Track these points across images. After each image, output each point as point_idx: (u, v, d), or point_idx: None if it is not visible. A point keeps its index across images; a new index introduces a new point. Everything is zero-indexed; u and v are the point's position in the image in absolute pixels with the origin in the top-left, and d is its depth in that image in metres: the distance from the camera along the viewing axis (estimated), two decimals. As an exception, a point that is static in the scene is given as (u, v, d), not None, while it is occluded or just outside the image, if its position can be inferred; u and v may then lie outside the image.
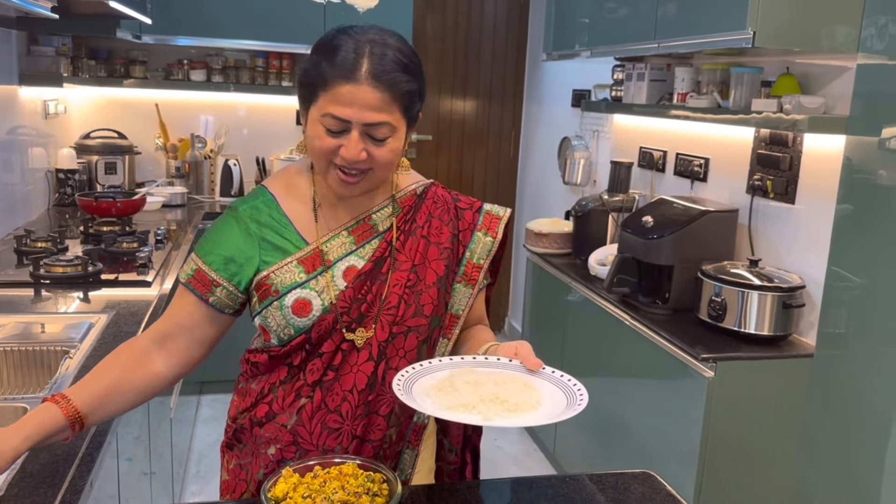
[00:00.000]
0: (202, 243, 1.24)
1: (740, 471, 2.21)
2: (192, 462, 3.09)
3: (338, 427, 1.21)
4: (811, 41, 2.09)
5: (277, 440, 1.23)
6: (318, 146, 1.15)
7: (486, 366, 1.16)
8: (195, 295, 1.21)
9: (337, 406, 1.21)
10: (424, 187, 1.32)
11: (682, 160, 2.97)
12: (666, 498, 1.21)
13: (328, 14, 3.82)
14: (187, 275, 1.23)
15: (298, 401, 1.22)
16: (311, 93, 1.15)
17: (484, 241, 1.32)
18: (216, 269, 1.21)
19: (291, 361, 1.22)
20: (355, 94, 1.11)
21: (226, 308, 1.23)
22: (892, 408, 1.87)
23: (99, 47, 3.84)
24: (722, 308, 2.26)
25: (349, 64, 1.11)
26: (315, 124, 1.15)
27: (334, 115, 1.12)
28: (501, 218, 1.34)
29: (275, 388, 1.24)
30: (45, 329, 1.88)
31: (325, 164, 1.17)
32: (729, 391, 2.13)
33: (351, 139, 1.13)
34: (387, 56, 1.12)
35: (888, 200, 1.87)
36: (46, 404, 1.11)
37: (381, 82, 1.11)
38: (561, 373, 1.15)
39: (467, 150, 4.74)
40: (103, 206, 2.93)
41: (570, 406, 1.06)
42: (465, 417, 1.02)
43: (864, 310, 1.96)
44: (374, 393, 1.22)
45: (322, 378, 1.21)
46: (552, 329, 3.22)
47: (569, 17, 3.28)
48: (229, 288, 1.21)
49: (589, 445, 2.85)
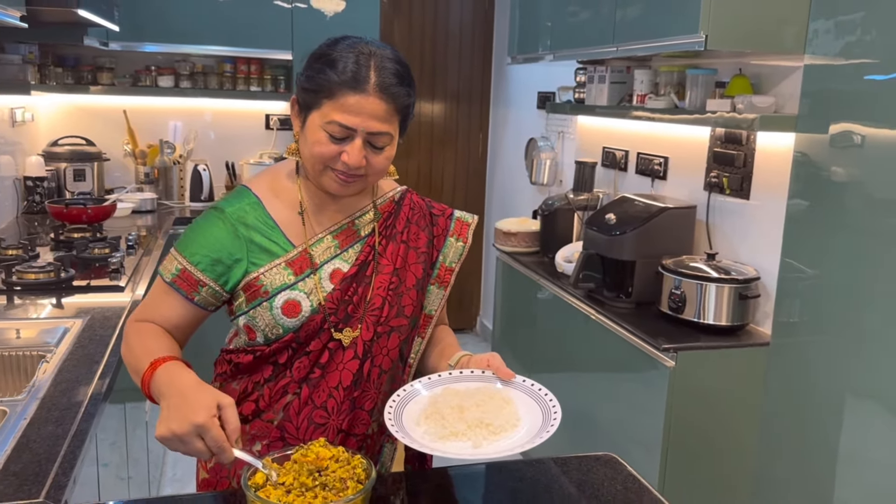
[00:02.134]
0: (186, 242, 1.26)
1: (702, 456, 2.29)
2: (167, 466, 3.11)
3: (323, 422, 1.26)
4: (761, 43, 2.19)
5: (264, 436, 1.27)
6: (319, 151, 1.19)
7: (463, 380, 1.23)
8: (180, 294, 1.24)
9: (323, 402, 1.25)
10: (401, 194, 1.39)
11: (643, 159, 3.06)
12: (627, 478, 1.28)
13: (295, 19, 3.86)
14: (172, 274, 1.25)
15: (285, 398, 1.26)
16: (314, 100, 1.19)
17: (455, 245, 1.39)
18: (203, 270, 1.24)
19: (277, 360, 1.26)
20: (363, 104, 1.16)
21: (209, 306, 1.27)
22: (844, 392, 1.95)
23: (66, 54, 3.83)
24: (682, 300, 2.35)
25: (357, 75, 1.16)
26: (317, 130, 1.19)
27: (341, 122, 1.17)
28: (470, 224, 1.42)
29: (259, 387, 1.27)
30: (20, 334, 1.90)
31: (321, 167, 1.21)
32: (689, 380, 2.22)
33: (354, 146, 1.18)
34: (389, 69, 1.18)
35: (837, 194, 1.96)
36: (175, 362, 1.13)
37: (386, 94, 1.17)
38: (531, 381, 1.23)
39: (437, 152, 4.81)
40: (74, 213, 2.93)
41: (546, 420, 1.16)
42: (457, 447, 1.09)
43: (816, 299, 2.04)
44: (359, 389, 1.27)
45: (309, 375, 1.25)
46: (523, 325, 3.29)
47: (532, 22, 3.36)
48: (215, 288, 1.25)
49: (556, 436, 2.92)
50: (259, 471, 1.03)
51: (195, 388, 1.07)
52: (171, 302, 1.25)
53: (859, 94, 1.89)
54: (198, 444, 1.01)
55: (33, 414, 1.42)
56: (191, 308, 1.26)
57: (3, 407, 1.47)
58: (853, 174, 1.91)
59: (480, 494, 1.26)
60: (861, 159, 1.89)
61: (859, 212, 1.89)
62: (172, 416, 1.03)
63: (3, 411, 1.45)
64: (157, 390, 1.10)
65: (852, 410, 1.93)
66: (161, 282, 1.27)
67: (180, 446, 1.03)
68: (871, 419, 1.87)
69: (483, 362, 1.25)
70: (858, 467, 1.92)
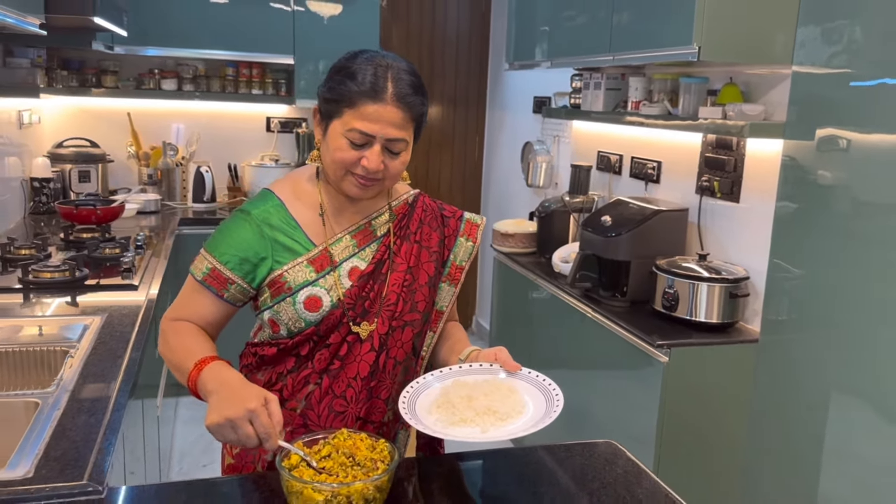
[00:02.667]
0: (216, 243, 1.36)
1: (694, 449, 2.38)
2: (174, 460, 3.18)
3: (343, 410, 1.34)
4: (751, 54, 2.29)
5: (287, 423, 1.35)
6: (341, 157, 1.29)
7: (471, 373, 1.32)
8: (211, 291, 1.34)
9: (342, 391, 1.34)
10: (414, 197, 1.48)
11: (637, 163, 3.16)
12: (627, 462, 1.38)
13: (297, 24, 3.94)
14: (203, 273, 1.35)
15: (307, 387, 1.35)
16: (335, 109, 1.28)
17: (465, 245, 1.49)
18: (232, 269, 1.33)
19: (299, 352, 1.35)
20: (382, 112, 1.25)
21: (237, 302, 1.37)
22: (830, 388, 2.02)
23: (71, 58, 3.90)
24: (674, 299, 2.45)
25: (376, 86, 1.25)
26: (338, 137, 1.28)
27: (361, 130, 1.26)
28: (479, 225, 1.52)
29: (283, 377, 1.36)
30: (42, 331, 1.97)
31: (342, 172, 1.31)
32: (682, 375, 2.31)
33: (373, 152, 1.27)
34: (405, 80, 1.28)
35: (823, 197, 2.03)
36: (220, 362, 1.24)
37: (403, 103, 1.26)
38: (536, 373, 1.32)
39: (434, 155, 4.90)
40: (83, 214, 3.00)
41: (549, 406, 1.24)
42: (467, 433, 1.18)
43: (803, 298, 2.12)
44: (375, 380, 1.36)
45: (329, 367, 1.35)
46: (519, 324, 3.38)
47: (529, 30, 3.45)
48: (243, 285, 1.34)
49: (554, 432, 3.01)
50: (292, 453, 1.12)
51: (244, 383, 1.18)
52: (202, 300, 1.35)
53: (845, 100, 1.96)
54: (248, 429, 1.10)
55: (66, 405, 1.50)
56: (221, 304, 1.35)
57: (35, 399, 1.54)
58: (839, 178, 2.00)
59: (489, 478, 1.35)
60: (846, 163, 1.97)
61: (845, 214, 1.97)
62: (224, 405, 1.12)
63: (36, 403, 1.53)
64: (204, 387, 1.20)
65: (837, 406, 2.01)
66: (192, 280, 1.36)
67: (230, 433, 1.11)
68: (856, 415, 1.94)
69: (491, 356, 1.35)
70: (843, 461, 1.99)
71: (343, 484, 1.05)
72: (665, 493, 1.27)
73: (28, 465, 1.26)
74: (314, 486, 1.04)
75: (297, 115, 4.41)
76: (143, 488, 1.23)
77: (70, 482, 1.20)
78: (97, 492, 1.18)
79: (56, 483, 1.20)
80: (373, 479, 1.06)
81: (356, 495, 1.05)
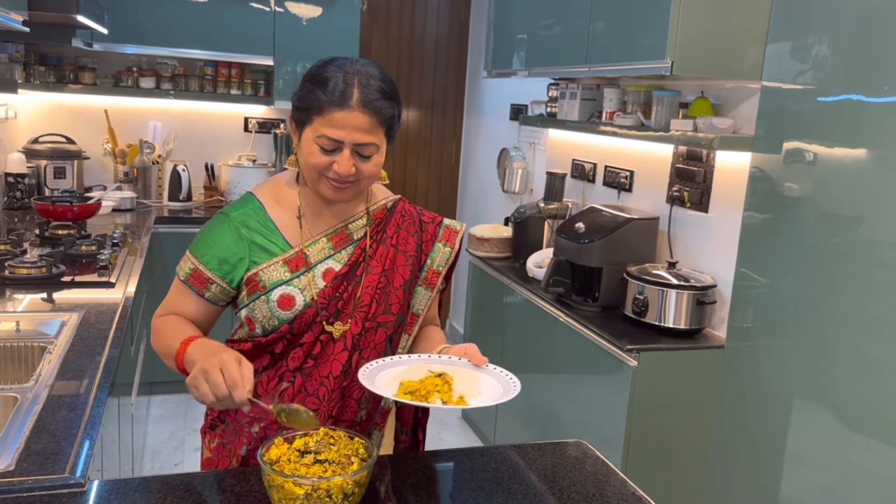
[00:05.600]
0: (197, 245, 1.41)
1: (662, 451, 2.45)
2: (146, 459, 3.18)
3: (315, 408, 1.38)
4: (722, 70, 2.36)
5: (261, 419, 1.39)
6: (313, 162, 1.32)
7: (439, 363, 1.36)
8: (193, 291, 1.39)
9: (315, 390, 1.38)
10: (394, 202, 1.52)
11: (611, 172, 3.23)
12: (596, 461, 1.43)
13: (277, 26, 3.96)
14: (186, 273, 1.40)
15: (281, 385, 1.39)
16: (306, 116, 1.32)
17: (443, 251, 1.52)
18: (211, 269, 1.38)
19: (274, 349, 1.39)
20: (348, 118, 1.28)
21: (219, 301, 1.41)
22: (793, 394, 2.08)
23: (48, 53, 3.87)
24: (644, 305, 2.51)
25: (341, 93, 1.28)
26: (310, 143, 1.32)
27: (329, 136, 1.29)
28: (458, 231, 1.55)
29: (258, 374, 1.39)
30: (19, 327, 1.98)
31: (316, 176, 1.34)
32: (651, 379, 2.37)
33: (343, 157, 1.31)
34: (372, 86, 1.30)
35: (789, 209, 2.09)
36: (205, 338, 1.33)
37: (369, 109, 1.29)
38: (501, 369, 1.36)
39: (411, 159, 4.94)
40: (60, 211, 2.99)
41: (507, 392, 1.27)
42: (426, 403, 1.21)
43: (768, 306, 2.18)
44: (347, 379, 1.40)
45: (303, 365, 1.39)
46: (493, 327, 3.43)
47: (507, 39, 3.50)
48: (223, 285, 1.39)
49: (526, 434, 3.07)
50: (273, 447, 1.15)
51: (223, 346, 1.26)
52: (186, 299, 1.40)
53: (811, 115, 2.01)
54: (217, 377, 1.15)
55: (45, 400, 1.51)
56: (203, 304, 1.40)
57: (14, 394, 1.55)
58: (804, 190, 2.06)
59: (463, 476, 1.39)
60: (812, 176, 2.02)
61: (810, 225, 2.02)
62: (201, 360, 1.19)
63: (14, 398, 1.54)
64: (190, 358, 1.25)
65: (800, 411, 2.06)
66: (177, 281, 1.42)
67: (203, 383, 1.16)
68: (818, 420, 2.00)
69: (461, 350, 1.39)
70: (804, 466, 2.05)
71: (323, 478, 1.09)
72: (633, 492, 1.32)
73: (9, 458, 1.27)
74: (294, 480, 1.07)
75: (276, 115, 4.42)
76: (125, 481, 1.25)
77: (51, 475, 1.22)
78: (79, 485, 1.21)
79: (38, 476, 1.22)
80: (352, 474, 1.10)
81: (336, 489, 1.08)
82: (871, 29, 1.85)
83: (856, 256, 1.89)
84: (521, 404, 3.04)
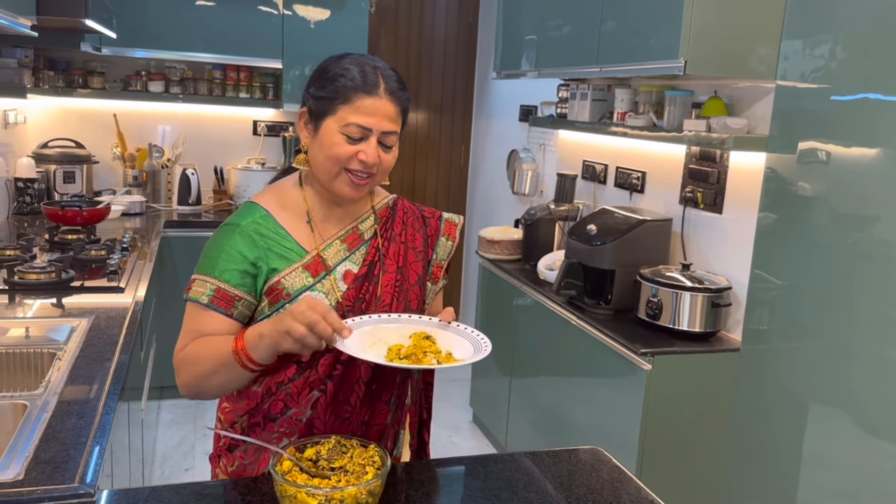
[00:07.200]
0: (212, 263, 1.32)
1: (676, 456, 2.42)
2: (156, 464, 3.17)
3: (348, 416, 1.35)
4: (736, 69, 2.33)
5: (292, 433, 1.34)
6: (337, 153, 1.30)
7: (409, 323, 1.34)
8: (220, 313, 1.31)
9: (346, 397, 1.35)
10: (393, 200, 1.51)
11: (622, 173, 3.21)
12: (612, 469, 1.41)
13: (286, 29, 3.95)
14: (208, 296, 1.30)
15: (312, 394, 1.34)
16: (329, 107, 1.30)
17: (446, 244, 1.52)
18: (235, 285, 1.31)
19: (300, 359, 1.33)
20: (377, 105, 1.29)
21: (244, 318, 1.34)
22: (809, 397, 2.05)
23: (57, 58, 3.88)
24: (658, 308, 2.49)
25: (370, 82, 1.29)
26: (333, 134, 1.30)
27: (358, 123, 1.29)
28: (458, 224, 1.55)
29: (284, 386, 1.34)
30: (29, 333, 1.97)
31: (337, 169, 1.32)
32: (665, 383, 2.35)
33: (370, 145, 1.30)
34: (392, 76, 1.33)
35: (804, 210, 2.07)
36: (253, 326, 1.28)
37: (395, 97, 1.32)
38: (472, 328, 1.35)
39: (419, 161, 4.92)
40: (69, 215, 2.99)
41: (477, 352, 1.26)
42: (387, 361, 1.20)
43: (784, 308, 2.15)
44: (376, 382, 1.38)
45: (332, 372, 1.34)
46: (503, 330, 3.40)
47: (516, 39, 3.48)
48: (248, 299, 1.33)
49: (538, 439, 3.05)
50: (285, 458, 1.13)
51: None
52: (213, 322, 1.31)
53: (826, 114, 1.99)
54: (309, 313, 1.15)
55: (55, 408, 1.50)
56: (232, 324, 1.32)
57: (23, 401, 1.54)
58: (819, 190, 2.03)
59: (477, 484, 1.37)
60: (827, 176, 2.00)
61: (825, 226, 2.00)
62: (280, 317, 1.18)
63: (24, 405, 1.53)
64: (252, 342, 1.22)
65: (817, 415, 2.03)
66: (196, 308, 1.32)
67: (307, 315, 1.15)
68: (836, 424, 1.97)
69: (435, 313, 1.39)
70: (821, 470, 2.02)
71: (336, 488, 1.07)
72: (650, 499, 1.29)
73: (18, 467, 1.26)
74: (307, 491, 1.05)
75: (284, 118, 4.41)
76: (135, 491, 1.24)
77: (60, 484, 1.21)
78: (88, 494, 1.19)
79: (47, 486, 1.20)
80: (365, 484, 1.08)
81: (349, 499, 1.06)
82: (888, 26, 1.83)
83: (873, 257, 1.87)
84: (532, 408, 3.02)
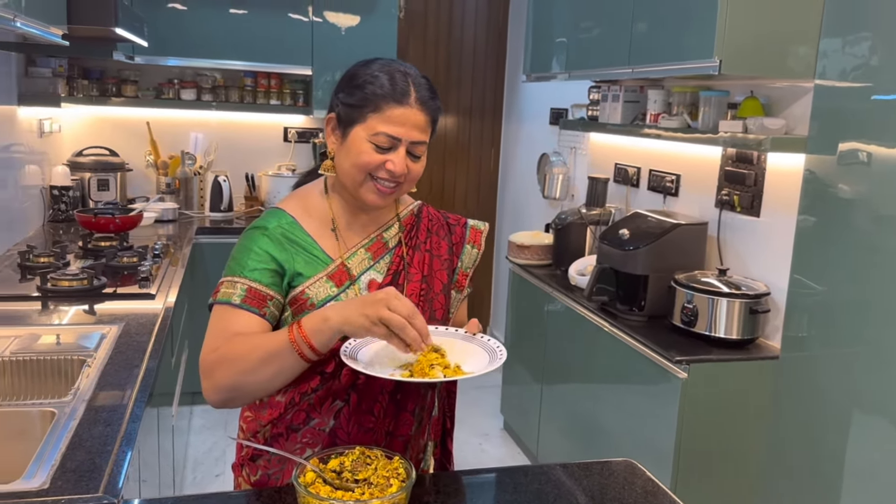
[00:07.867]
0: (241, 265, 1.30)
1: (713, 466, 2.35)
2: (188, 469, 3.18)
3: (372, 426, 1.33)
4: (773, 68, 2.27)
5: (315, 443, 1.32)
6: (365, 161, 1.28)
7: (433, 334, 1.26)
8: (253, 312, 1.27)
9: (370, 407, 1.32)
10: (418, 207, 1.48)
11: (655, 176, 3.14)
12: (647, 482, 1.36)
13: (315, 35, 3.96)
14: (240, 296, 1.27)
15: (335, 404, 1.32)
16: (358, 115, 1.28)
17: (471, 252, 1.48)
18: (267, 285, 1.28)
19: (324, 370, 1.31)
20: (408, 115, 1.26)
21: (273, 320, 1.30)
22: (852, 406, 1.99)
23: (91, 67, 3.94)
24: (694, 314, 2.42)
25: (401, 90, 1.26)
26: (362, 142, 1.28)
27: (388, 133, 1.26)
28: (482, 231, 1.51)
29: (307, 396, 1.32)
30: (60, 340, 1.98)
31: (363, 177, 1.29)
32: (701, 391, 2.29)
33: (398, 155, 1.28)
34: (423, 85, 1.29)
35: (845, 212, 2.01)
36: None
37: (425, 107, 1.28)
38: (488, 337, 1.30)
39: (449, 165, 4.90)
40: (102, 223, 3.02)
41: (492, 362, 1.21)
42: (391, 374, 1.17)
43: (824, 314, 2.09)
44: (400, 392, 1.35)
45: (355, 382, 1.31)
46: (534, 337, 3.36)
47: (546, 42, 3.44)
48: (279, 299, 1.30)
49: (570, 447, 2.99)
50: (308, 470, 1.10)
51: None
52: (244, 323, 1.27)
53: (866, 113, 1.94)
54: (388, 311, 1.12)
55: (82, 415, 1.49)
56: (263, 324, 1.28)
57: (52, 409, 1.54)
58: (860, 191, 1.97)
59: (507, 496, 1.33)
60: (868, 177, 1.95)
61: (866, 229, 1.95)
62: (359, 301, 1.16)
63: (52, 412, 1.53)
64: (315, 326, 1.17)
65: (859, 425, 1.98)
66: (225, 310, 1.28)
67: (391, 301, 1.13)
68: (879, 434, 1.91)
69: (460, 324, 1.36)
70: (864, 481, 1.96)
71: (360, 501, 1.04)
72: (686, 515, 1.24)
73: (44, 476, 1.26)
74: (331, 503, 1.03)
75: (315, 125, 4.42)
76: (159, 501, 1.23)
77: (85, 494, 1.20)
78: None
79: (72, 495, 1.20)
80: (390, 497, 1.05)
81: (373, 513, 1.04)
82: (935, 21, 1.75)
83: (919, 261, 1.79)
84: (564, 416, 2.97)
